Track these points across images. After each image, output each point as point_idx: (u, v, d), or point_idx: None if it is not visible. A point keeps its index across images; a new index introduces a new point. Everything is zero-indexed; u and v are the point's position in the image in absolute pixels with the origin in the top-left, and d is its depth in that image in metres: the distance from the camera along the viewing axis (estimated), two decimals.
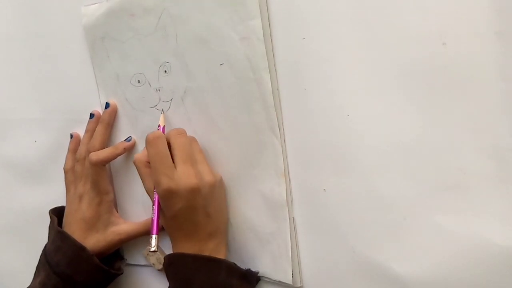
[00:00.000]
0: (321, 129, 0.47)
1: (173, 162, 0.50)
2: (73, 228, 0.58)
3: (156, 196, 0.52)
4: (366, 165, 0.46)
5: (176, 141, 0.51)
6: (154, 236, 0.51)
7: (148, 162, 0.52)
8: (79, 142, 0.63)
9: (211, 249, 0.51)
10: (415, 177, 0.44)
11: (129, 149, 0.60)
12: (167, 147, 0.51)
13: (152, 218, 0.52)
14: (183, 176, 0.49)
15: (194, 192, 0.49)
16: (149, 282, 0.63)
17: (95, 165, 0.57)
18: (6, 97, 0.68)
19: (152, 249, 0.51)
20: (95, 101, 0.61)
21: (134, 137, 0.59)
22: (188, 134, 0.53)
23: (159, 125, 0.56)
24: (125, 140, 0.59)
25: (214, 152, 0.54)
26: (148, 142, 0.51)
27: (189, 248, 0.50)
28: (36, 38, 0.64)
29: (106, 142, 0.61)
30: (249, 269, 0.53)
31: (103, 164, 0.58)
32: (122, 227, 0.60)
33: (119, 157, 0.59)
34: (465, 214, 0.42)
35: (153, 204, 0.52)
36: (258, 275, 0.53)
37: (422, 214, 0.44)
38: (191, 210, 0.49)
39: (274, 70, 0.48)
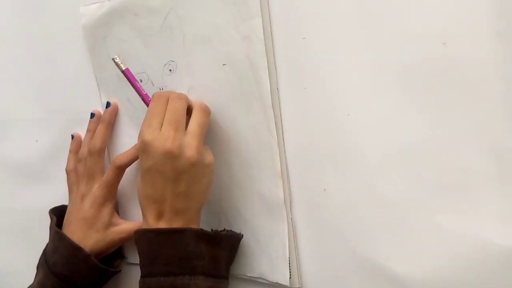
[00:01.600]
0: (321, 129, 0.47)
1: None
2: (73, 227, 0.58)
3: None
4: (366, 165, 0.46)
5: (171, 103, 0.50)
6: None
7: None
8: (80, 142, 0.63)
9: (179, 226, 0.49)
10: (415, 177, 0.44)
11: None
12: (165, 106, 0.50)
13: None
14: (162, 137, 0.47)
15: (166, 157, 0.47)
16: None
17: (118, 168, 0.57)
18: (7, 97, 0.68)
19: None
20: (96, 101, 0.62)
21: (137, 137, 0.59)
22: None
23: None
24: None
25: (215, 151, 0.54)
26: (153, 97, 0.51)
27: (153, 223, 0.49)
28: (37, 38, 0.64)
29: (107, 142, 0.61)
30: (216, 230, 0.51)
31: (126, 168, 0.58)
32: (122, 226, 0.60)
33: None
34: (465, 214, 0.42)
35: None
36: (241, 233, 0.52)
37: (422, 214, 0.44)
38: (159, 175, 0.48)
39: (274, 69, 0.48)
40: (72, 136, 0.63)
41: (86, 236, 0.58)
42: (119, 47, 0.58)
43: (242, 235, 0.53)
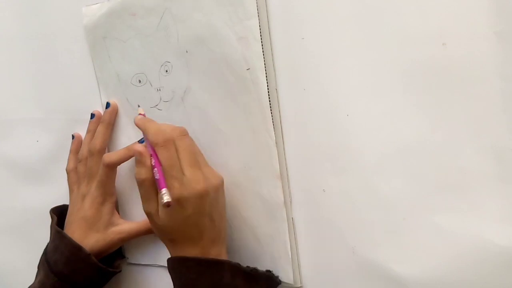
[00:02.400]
0: (320, 129, 0.47)
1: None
2: (73, 227, 0.59)
3: (154, 159, 0.49)
4: (365, 166, 0.46)
5: (181, 143, 0.49)
6: (164, 190, 0.48)
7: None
8: (81, 142, 0.63)
9: (214, 255, 0.50)
10: (415, 177, 0.44)
11: None
12: (175, 150, 0.49)
13: (156, 178, 0.49)
14: (193, 182, 0.48)
15: (203, 197, 0.48)
16: (150, 281, 0.63)
17: (107, 166, 0.57)
18: (8, 97, 0.68)
19: (165, 200, 0.47)
20: (96, 101, 0.62)
21: (136, 137, 0.59)
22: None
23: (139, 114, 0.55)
24: (138, 141, 0.58)
25: (213, 153, 0.54)
26: (160, 146, 0.49)
27: (191, 253, 0.49)
28: (37, 38, 0.64)
29: (108, 142, 0.61)
30: (255, 268, 0.51)
31: (116, 166, 0.58)
32: (122, 226, 0.60)
33: None
34: (465, 214, 0.42)
35: (156, 175, 0.49)
36: (279, 278, 0.52)
37: (422, 214, 0.44)
38: (198, 216, 0.48)
39: (273, 70, 0.48)
40: (73, 136, 0.63)
41: (86, 235, 0.58)
42: (118, 48, 0.58)
43: (281, 282, 0.52)
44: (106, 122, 0.60)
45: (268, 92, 0.48)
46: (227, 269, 0.49)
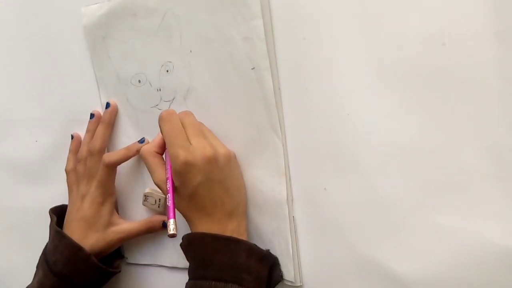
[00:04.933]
0: (322, 129, 0.47)
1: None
2: (73, 227, 0.58)
3: (170, 184, 0.50)
4: (366, 165, 0.46)
5: (186, 119, 0.51)
6: (172, 221, 0.48)
7: (156, 152, 0.52)
8: (80, 142, 0.62)
9: (232, 230, 0.50)
10: (415, 176, 0.44)
11: None
12: (180, 122, 0.51)
13: (167, 205, 0.49)
14: (199, 148, 0.48)
15: (211, 162, 0.48)
16: (150, 281, 0.63)
17: (107, 166, 0.57)
18: (7, 97, 0.68)
19: (171, 232, 0.47)
20: (95, 101, 0.61)
21: (136, 137, 0.59)
22: None
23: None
24: (138, 141, 0.59)
25: None
26: (162, 118, 0.50)
27: (209, 228, 0.49)
28: (36, 38, 0.64)
29: (107, 142, 0.61)
30: (269, 250, 0.52)
31: (116, 166, 0.58)
32: (122, 226, 0.60)
33: None
34: (464, 214, 0.42)
35: (168, 193, 0.50)
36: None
37: (422, 213, 0.44)
38: (209, 183, 0.49)
39: (275, 69, 0.49)
40: (72, 136, 0.63)
41: (86, 235, 0.58)
42: (118, 47, 0.58)
43: (282, 273, 0.52)
44: (106, 122, 0.60)
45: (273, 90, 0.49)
46: (244, 249, 0.49)
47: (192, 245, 0.50)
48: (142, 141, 0.58)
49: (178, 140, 0.49)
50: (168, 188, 0.50)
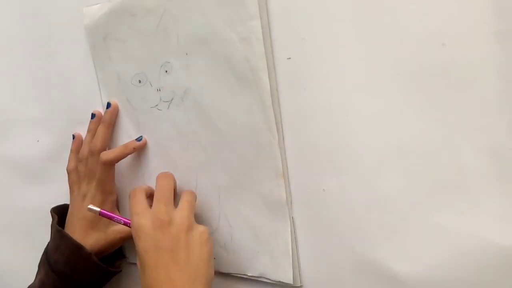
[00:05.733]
0: (320, 129, 0.47)
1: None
2: (74, 226, 0.59)
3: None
4: (365, 165, 0.46)
5: (159, 182, 0.53)
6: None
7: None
8: (81, 142, 0.63)
9: None
10: (415, 177, 0.44)
11: (139, 149, 0.59)
12: (144, 196, 0.52)
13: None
14: (153, 212, 0.49)
15: (160, 226, 0.48)
16: None
17: (105, 164, 0.57)
18: (9, 97, 0.68)
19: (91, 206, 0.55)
20: (96, 101, 0.62)
21: (136, 137, 0.59)
22: (187, 134, 0.53)
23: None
24: (136, 139, 0.59)
25: (213, 152, 0.54)
26: (129, 196, 0.53)
27: None
28: (38, 38, 0.64)
29: (108, 142, 0.61)
30: None
31: (113, 164, 0.58)
32: (123, 226, 0.60)
33: None
34: (464, 214, 0.42)
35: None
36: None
37: (422, 214, 0.44)
38: (157, 249, 0.47)
39: (273, 70, 0.48)
40: (73, 136, 0.64)
41: (86, 235, 0.58)
42: (118, 48, 0.58)
43: None
44: (106, 122, 0.60)
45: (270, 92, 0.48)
46: None
47: None
48: (139, 139, 0.59)
49: (136, 208, 0.51)
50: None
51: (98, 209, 0.56)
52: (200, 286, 0.47)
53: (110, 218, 0.56)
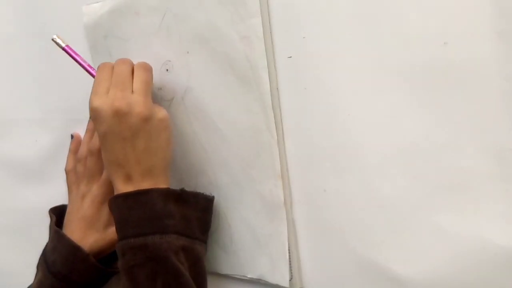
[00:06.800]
0: (321, 129, 0.47)
1: None
2: (72, 227, 0.58)
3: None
4: (366, 166, 0.46)
5: (115, 68, 0.52)
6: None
7: None
8: (80, 142, 0.63)
9: (148, 187, 0.50)
10: (416, 177, 0.43)
11: None
12: (109, 74, 0.51)
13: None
14: (109, 99, 0.49)
15: (116, 116, 0.48)
16: None
17: None
18: (7, 97, 0.69)
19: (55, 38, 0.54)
20: None
21: None
22: (187, 133, 0.53)
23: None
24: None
25: (213, 152, 0.54)
26: (98, 68, 0.52)
27: (124, 189, 0.50)
28: (37, 37, 0.64)
29: None
30: (183, 188, 0.51)
31: None
32: None
33: None
34: (466, 215, 0.42)
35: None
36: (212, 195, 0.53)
37: (423, 214, 0.44)
38: (115, 137, 0.49)
39: (274, 69, 0.48)
40: (72, 136, 0.63)
41: (85, 235, 0.58)
42: (119, 46, 0.58)
43: (213, 196, 0.53)
44: None
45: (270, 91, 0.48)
46: (157, 196, 0.49)
47: (111, 209, 0.51)
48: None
49: (98, 89, 0.50)
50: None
51: (63, 43, 0.55)
52: (160, 168, 0.51)
53: (73, 57, 0.56)
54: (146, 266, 0.47)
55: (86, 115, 0.61)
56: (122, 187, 0.50)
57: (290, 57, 0.47)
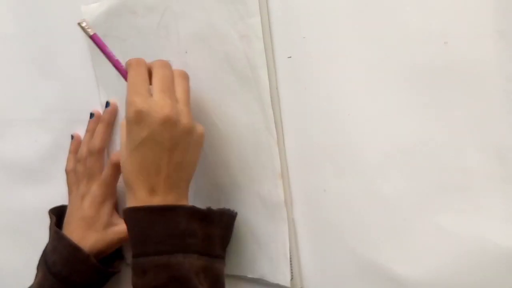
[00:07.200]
0: (321, 129, 0.47)
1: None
2: (72, 227, 0.58)
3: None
4: (366, 166, 0.45)
5: (158, 71, 0.47)
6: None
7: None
8: (80, 143, 0.63)
9: (172, 202, 0.47)
10: (416, 177, 0.43)
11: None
12: (147, 73, 0.47)
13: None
14: (159, 103, 0.45)
15: (166, 124, 0.44)
16: None
17: (115, 165, 0.57)
18: (6, 97, 0.69)
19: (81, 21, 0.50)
20: (95, 101, 0.62)
21: None
22: None
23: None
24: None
25: (213, 152, 0.54)
26: (130, 64, 0.48)
27: (145, 200, 0.46)
28: (36, 37, 0.64)
29: (107, 141, 0.61)
30: (209, 207, 0.49)
31: None
32: (122, 226, 0.59)
33: None
34: (466, 215, 0.42)
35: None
36: (235, 212, 0.51)
37: (423, 214, 0.43)
38: (155, 145, 0.45)
39: (273, 69, 0.48)
40: (72, 136, 0.63)
41: (85, 235, 0.58)
42: (118, 46, 0.57)
43: (236, 213, 0.51)
44: (106, 121, 0.60)
45: (269, 90, 0.48)
46: (182, 214, 0.46)
47: (128, 221, 0.47)
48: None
49: (139, 89, 0.46)
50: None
51: (91, 31, 0.50)
52: (183, 186, 0.48)
53: (101, 47, 0.51)
54: (169, 287, 0.44)
55: (86, 115, 0.62)
56: (146, 199, 0.46)
57: (290, 57, 0.47)
